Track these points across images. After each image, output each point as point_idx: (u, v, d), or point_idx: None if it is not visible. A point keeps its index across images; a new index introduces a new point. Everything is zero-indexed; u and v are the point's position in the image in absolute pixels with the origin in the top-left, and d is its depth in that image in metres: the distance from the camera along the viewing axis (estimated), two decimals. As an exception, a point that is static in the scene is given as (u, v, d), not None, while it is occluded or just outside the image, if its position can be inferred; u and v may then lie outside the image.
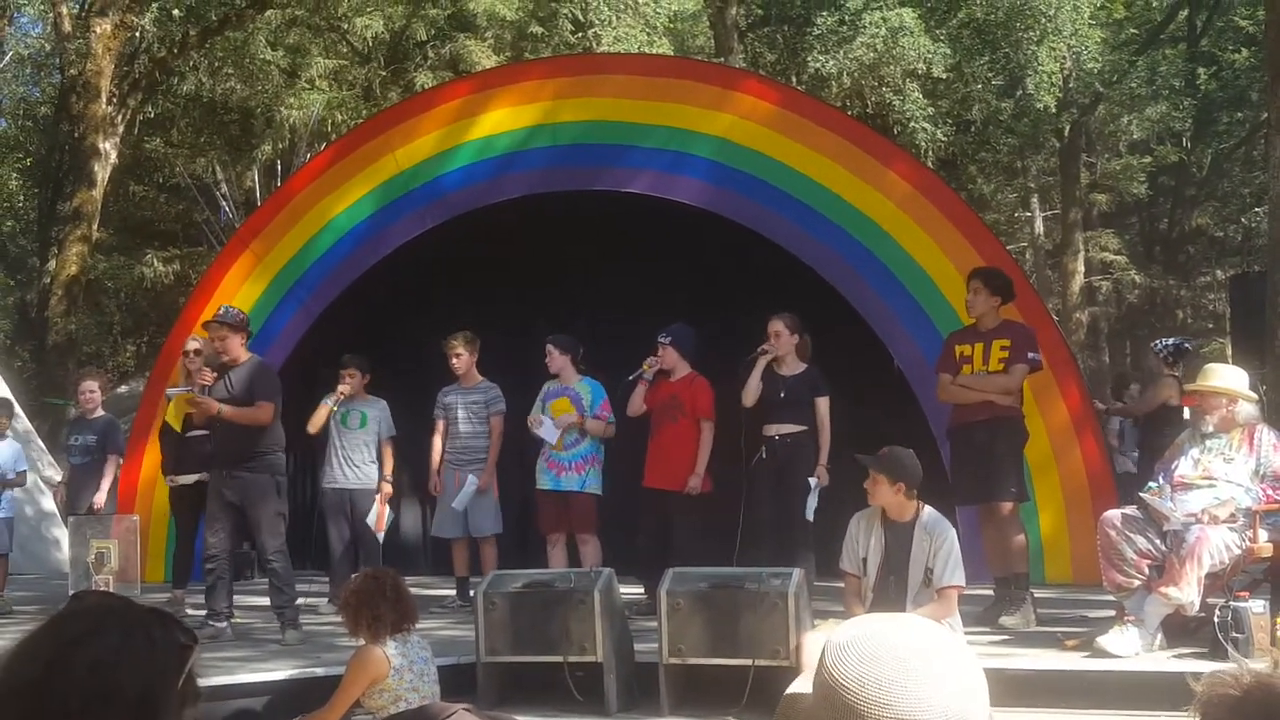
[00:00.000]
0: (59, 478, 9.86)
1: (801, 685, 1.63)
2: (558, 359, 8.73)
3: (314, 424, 9.10)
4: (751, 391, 8.09)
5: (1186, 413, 9.58)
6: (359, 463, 9.09)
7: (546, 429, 8.57)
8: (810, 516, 7.81)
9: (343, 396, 9.03)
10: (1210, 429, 6.55)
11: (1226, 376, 6.64)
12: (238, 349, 7.74)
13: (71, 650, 1.42)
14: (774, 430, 8.01)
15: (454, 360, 9.05)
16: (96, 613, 1.48)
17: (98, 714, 1.39)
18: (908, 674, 1.41)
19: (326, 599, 8.87)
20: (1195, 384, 6.76)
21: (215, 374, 7.68)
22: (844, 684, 1.42)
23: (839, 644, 1.47)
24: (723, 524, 8.31)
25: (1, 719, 1.38)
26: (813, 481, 7.84)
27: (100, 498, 9.43)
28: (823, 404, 8.03)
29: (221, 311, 8.01)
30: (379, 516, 9.06)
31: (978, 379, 7.44)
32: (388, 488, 9.16)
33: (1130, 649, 6.03)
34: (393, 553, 9.45)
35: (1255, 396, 6.85)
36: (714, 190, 10.27)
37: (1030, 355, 7.43)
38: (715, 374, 8.39)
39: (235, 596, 7.96)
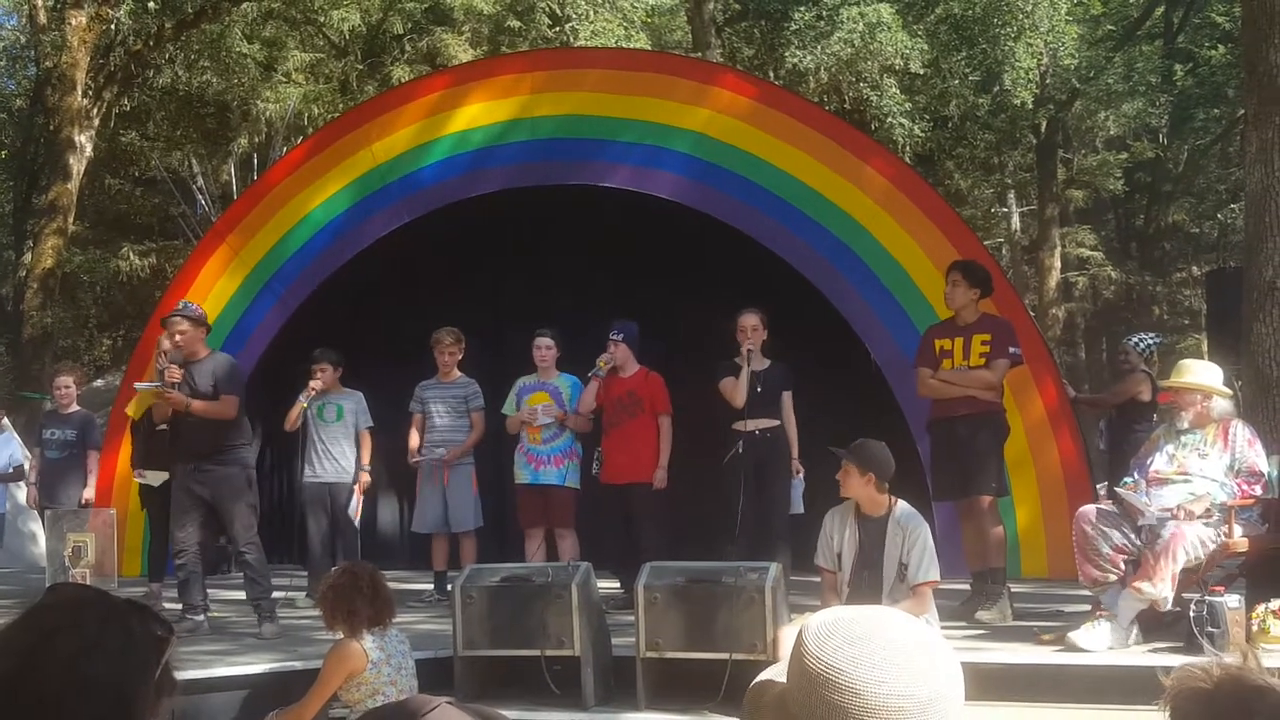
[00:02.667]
0: (32, 474, 9.83)
1: (769, 674, 1.63)
2: (554, 352, 8.76)
3: (289, 421, 9.13)
4: (742, 392, 8.05)
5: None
6: (337, 455, 9.10)
7: (540, 418, 8.61)
8: (800, 509, 7.91)
9: (314, 392, 9.03)
10: (1185, 425, 6.58)
11: (1201, 372, 6.67)
12: (197, 344, 7.71)
13: (48, 642, 1.42)
14: (753, 425, 8.00)
15: (446, 356, 9.06)
16: (72, 605, 1.48)
17: (74, 705, 1.39)
18: (898, 652, 1.42)
19: (305, 593, 8.86)
20: (1170, 380, 6.78)
21: (182, 369, 7.65)
22: (834, 666, 1.42)
23: (818, 630, 1.47)
24: (682, 518, 8.35)
25: None
26: (800, 476, 7.96)
27: (89, 493, 9.42)
28: (788, 398, 8.09)
29: (180, 306, 7.97)
30: (359, 506, 9.10)
31: (959, 374, 7.43)
32: (366, 477, 9.18)
33: (1102, 644, 6.06)
34: (371, 547, 9.46)
35: (1230, 392, 6.88)
36: (691, 185, 10.28)
37: (1011, 350, 7.43)
38: (690, 369, 8.40)
39: (212, 591, 7.95)
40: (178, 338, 7.70)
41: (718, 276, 10.51)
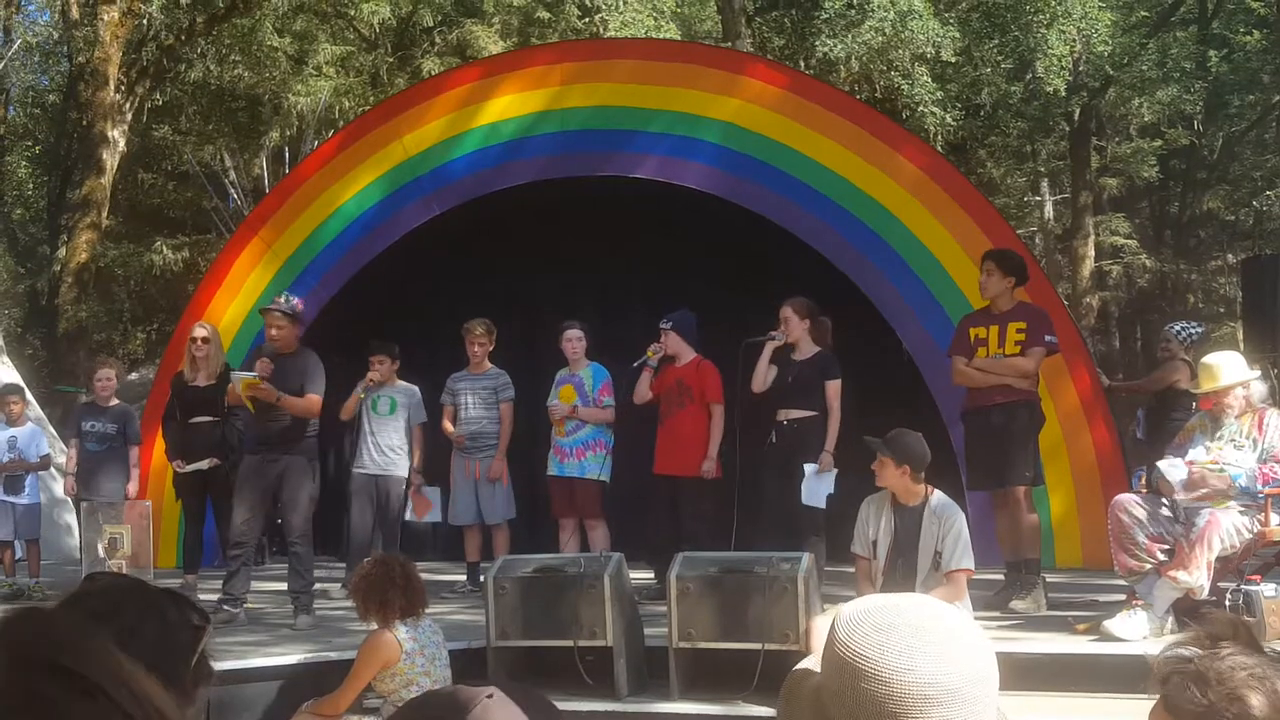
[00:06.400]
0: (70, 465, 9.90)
1: (807, 663, 1.63)
2: (583, 343, 8.76)
3: (345, 411, 9.19)
4: (760, 377, 8.05)
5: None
6: (386, 449, 9.11)
7: (556, 412, 8.64)
8: (810, 502, 7.66)
9: (371, 384, 9.07)
10: (1234, 423, 6.47)
11: (1231, 368, 6.54)
12: (293, 339, 7.88)
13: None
14: (783, 415, 7.98)
15: (476, 347, 9.08)
16: (111, 593, 1.49)
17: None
18: (926, 639, 1.42)
19: (340, 584, 8.90)
20: (1211, 386, 6.54)
21: (271, 363, 7.76)
22: (862, 654, 1.41)
23: (849, 618, 1.47)
24: (732, 509, 8.31)
25: None
26: (809, 468, 7.70)
27: (133, 488, 9.47)
28: (832, 387, 7.91)
29: (282, 300, 8.09)
30: (415, 507, 9.14)
31: (994, 362, 7.38)
32: (416, 478, 9.21)
33: (1137, 632, 6.02)
34: (404, 538, 9.49)
35: (1258, 371, 6.79)
36: (721, 175, 10.26)
37: (1047, 338, 7.37)
38: (724, 360, 8.38)
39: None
40: (274, 331, 7.85)
41: (747, 267, 10.49)
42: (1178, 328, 9.93)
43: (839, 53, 18.73)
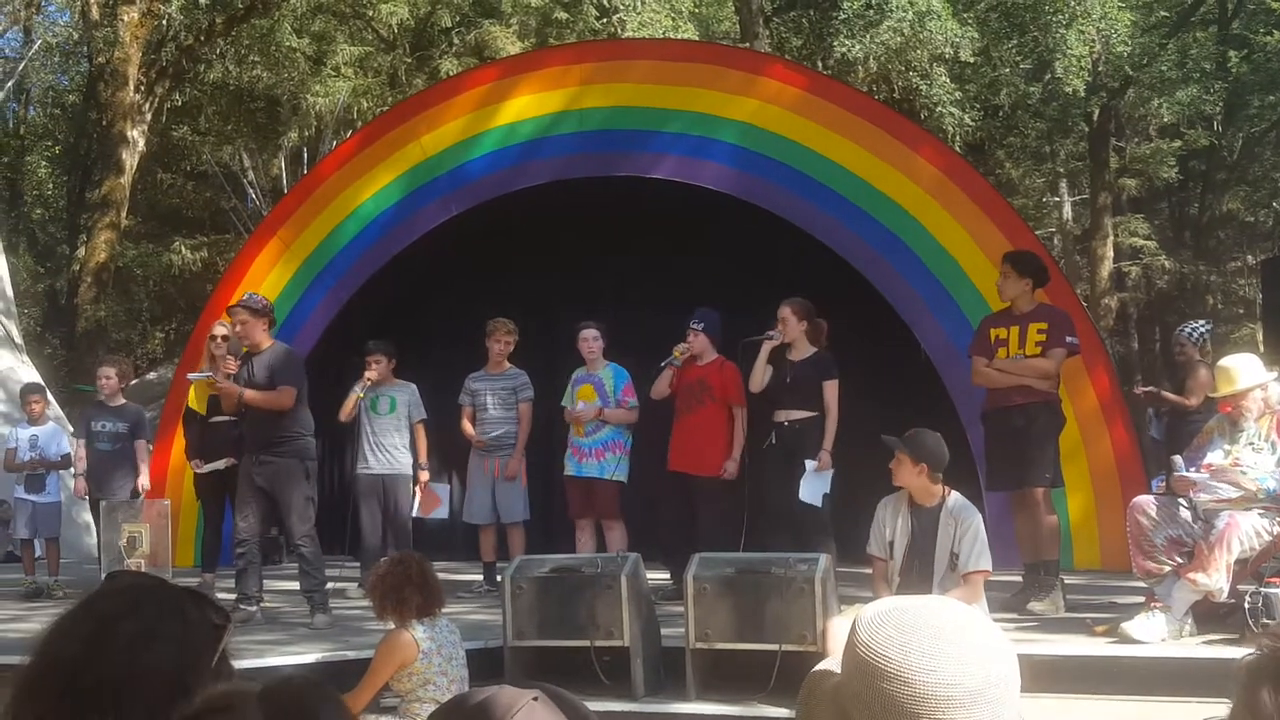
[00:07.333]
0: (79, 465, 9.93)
1: (826, 664, 1.62)
2: (600, 343, 8.76)
3: (343, 412, 9.19)
4: (758, 378, 8.06)
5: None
6: (389, 448, 9.13)
7: (581, 412, 8.67)
8: (806, 499, 7.65)
9: (369, 383, 9.07)
10: (1253, 426, 6.44)
11: (1248, 371, 6.50)
12: (260, 335, 7.78)
13: (109, 629, 1.44)
14: (783, 416, 7.97)
15: (500, 346, 9.07)
16: (132, 592, 1.50)
17: (134, 690, 1.41)
18: (948, 641, 1.42)
19: (356, 583, 8.92)
20: (1229, 390, 6.49)
21: (239, 361, 7.75)
22: (884, 655, 1.41)
23: (871, 620, 1.47)
24: (742, 509, 8.31)
25: (41, 694, 1.40)
26: (809, 464, 7.69)
27: (144, 480, 9.49)
28: (830, 388, 7.90)
29: (245, 297, 8.08)
30: (422, 503, 9.14)
31: (1014, 363, 7.36)
32: (424, 474, 9.21)
33: (1155, 635, 6.00)
34: (420, 538, 9.50)
35: (1276, 372, 6.75)
36: (739, 175, 10.26)
37: (1068, 339, 7.35)
38: (736, 360, 8.37)
39: (265, 581, 8.03)
40: (238, 328, 7.80)
41: (764, 267, 10.48)
42: (1188, 329, 9.91)
43: (857, 53, 18.68)
